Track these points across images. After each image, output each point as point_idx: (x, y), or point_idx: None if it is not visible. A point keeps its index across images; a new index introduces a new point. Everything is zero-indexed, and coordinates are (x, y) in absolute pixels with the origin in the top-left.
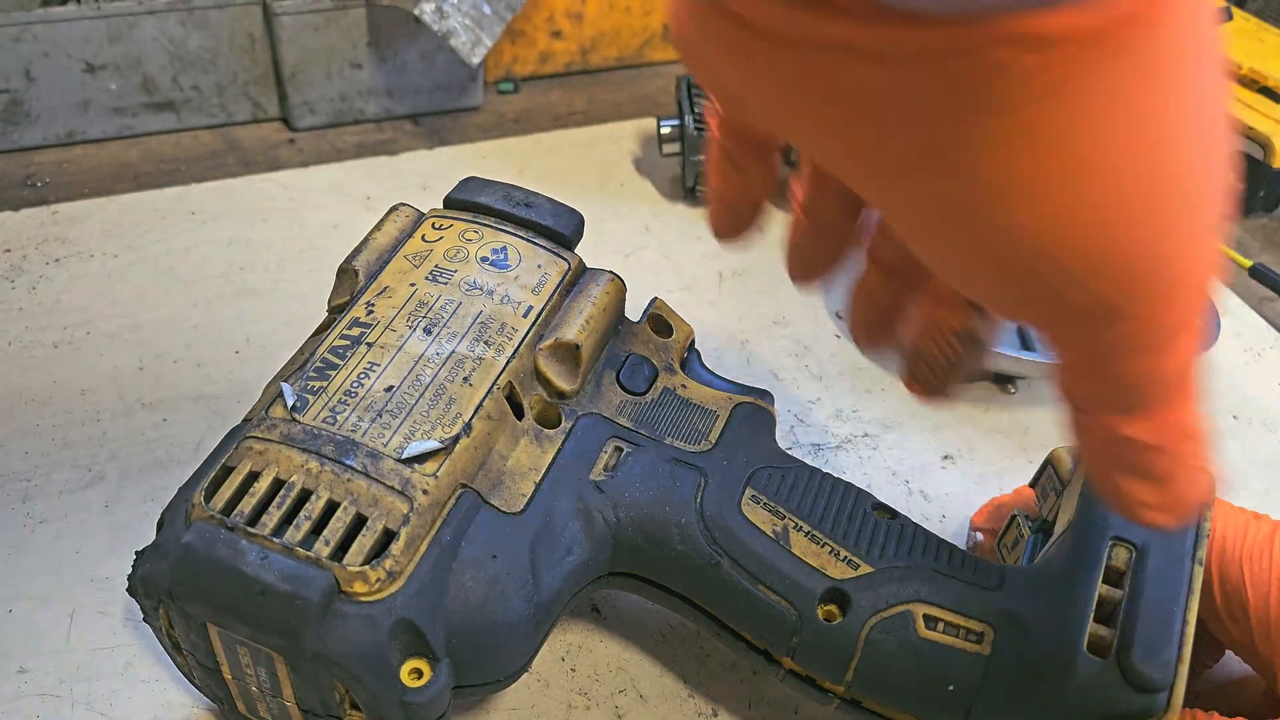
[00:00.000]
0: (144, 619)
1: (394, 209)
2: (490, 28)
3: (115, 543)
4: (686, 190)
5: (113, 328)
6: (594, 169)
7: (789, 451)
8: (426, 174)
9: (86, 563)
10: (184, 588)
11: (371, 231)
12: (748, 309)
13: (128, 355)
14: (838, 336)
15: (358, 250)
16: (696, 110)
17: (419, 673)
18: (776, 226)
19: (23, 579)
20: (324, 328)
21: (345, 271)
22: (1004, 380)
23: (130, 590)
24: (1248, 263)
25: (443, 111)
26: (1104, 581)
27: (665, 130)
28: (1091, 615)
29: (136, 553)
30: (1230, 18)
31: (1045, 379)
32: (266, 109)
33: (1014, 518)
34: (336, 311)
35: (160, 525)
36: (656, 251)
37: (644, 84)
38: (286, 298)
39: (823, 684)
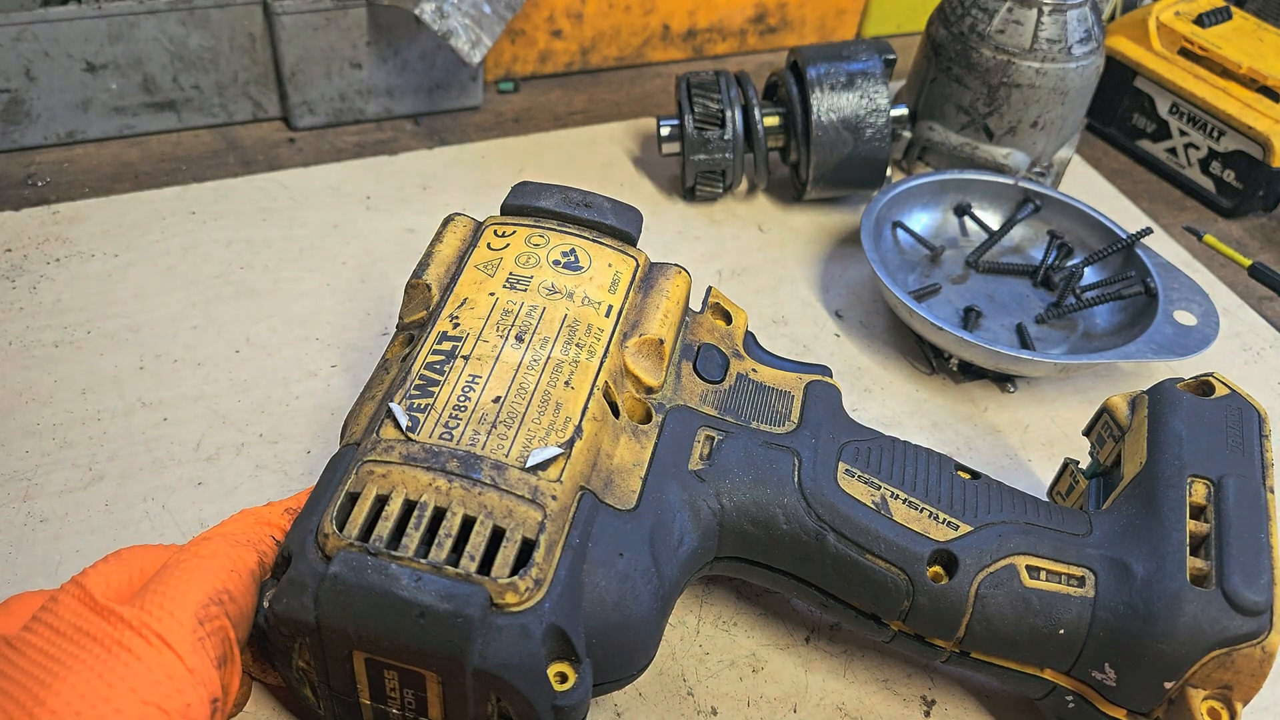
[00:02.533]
0: (257, 659)
1: (449, 220)
2: (490, 27)
3: (115, 542)
4: (686, 190)
5: (113, 327)
6: (594, 168)
7: None
8: (426, 174)
9: (86, 562)
10: (336, 617)
11: (433, 244)
12: (747, 308)
13: (128, 355)
14: (837, 335)
15: (424, 264)
16: (696, 110)
17: (563, 676)
18: (776, 226)
19: (23, 578)
20: (405, 343)
21: (415, 287)
22: (1004, 380)
23: (262, 631)
24: (1247, 262)
25: (443, 111)
26: (1191, 517)
27: (665, 130)
28: (1188, 550)
29: (262, 585)
30: (1230, 16)
31: (1044, 378)
32: (267, 109)
33: (1066, 465)
34: (412, 328)
35: (287, 559)
36: (656, 250)
37: (644, 83)
38: (286, 298)
39: (933, 641)
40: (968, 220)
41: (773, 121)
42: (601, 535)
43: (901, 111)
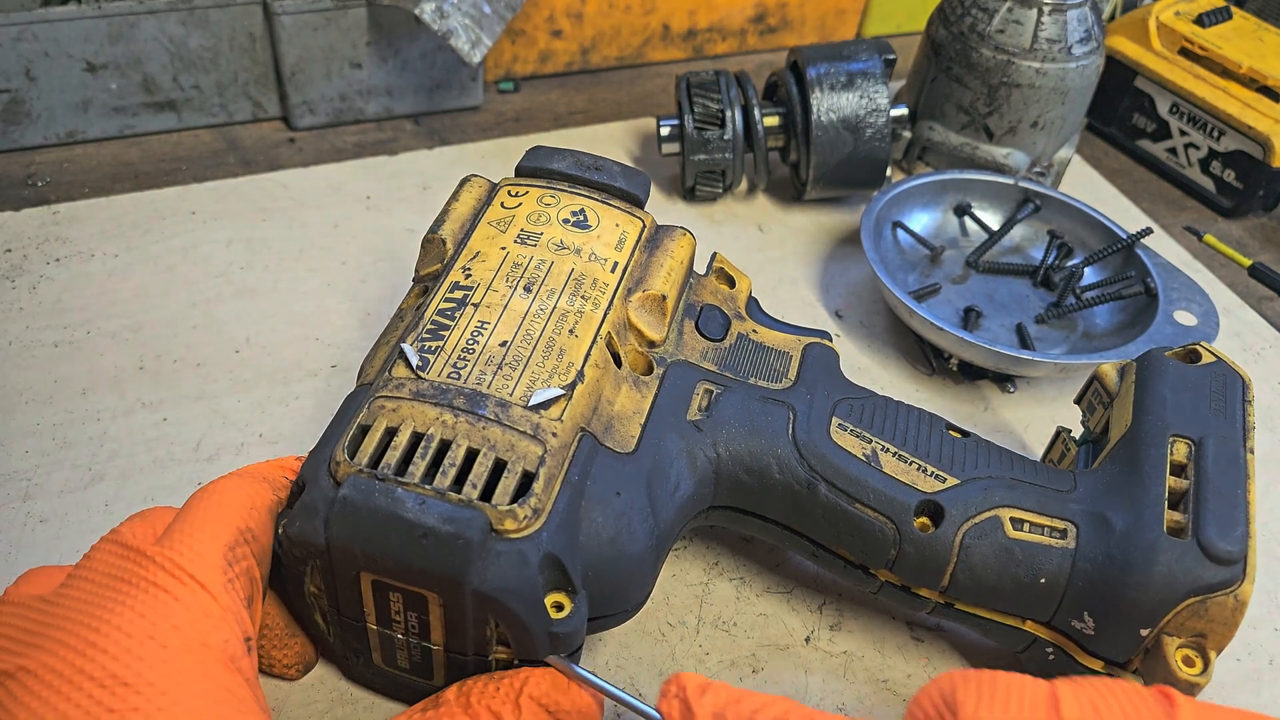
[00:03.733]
0: (273, 579)
1: (466, 180)
2: (490, 27)
3: None
4: (686, 190)
5: (113, 327)
6: None
7: None
8: (427, 174)
9: None
10: (344, 538)
11: (449, 202)
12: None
13: (128, 355)
14: (837, 335)
15: (440, 220)
16: (696, 110)
17: (560, 605)
18: (776, 226)
19: None
20: (420, 294)
21: (431, 241)
22: (1003, 380)
23: (276, 553)
24: (1247, 262)
25: (443, 111)
26: (1171, 473)
27: (665, 130)
28: (1166, 504)
29: (278, 516)
30: (1230, 16)
31: (1044, 378)
32: (267, 108)
33: (1059, 433)
34: (427, 279)
35: (301, 487)
36: None
37: (644, 83)
38: (287, 298)
39: (919, 591)
40: (968, 220)
41: (773, 121)
42: (600, 474)
43: (901, 111)
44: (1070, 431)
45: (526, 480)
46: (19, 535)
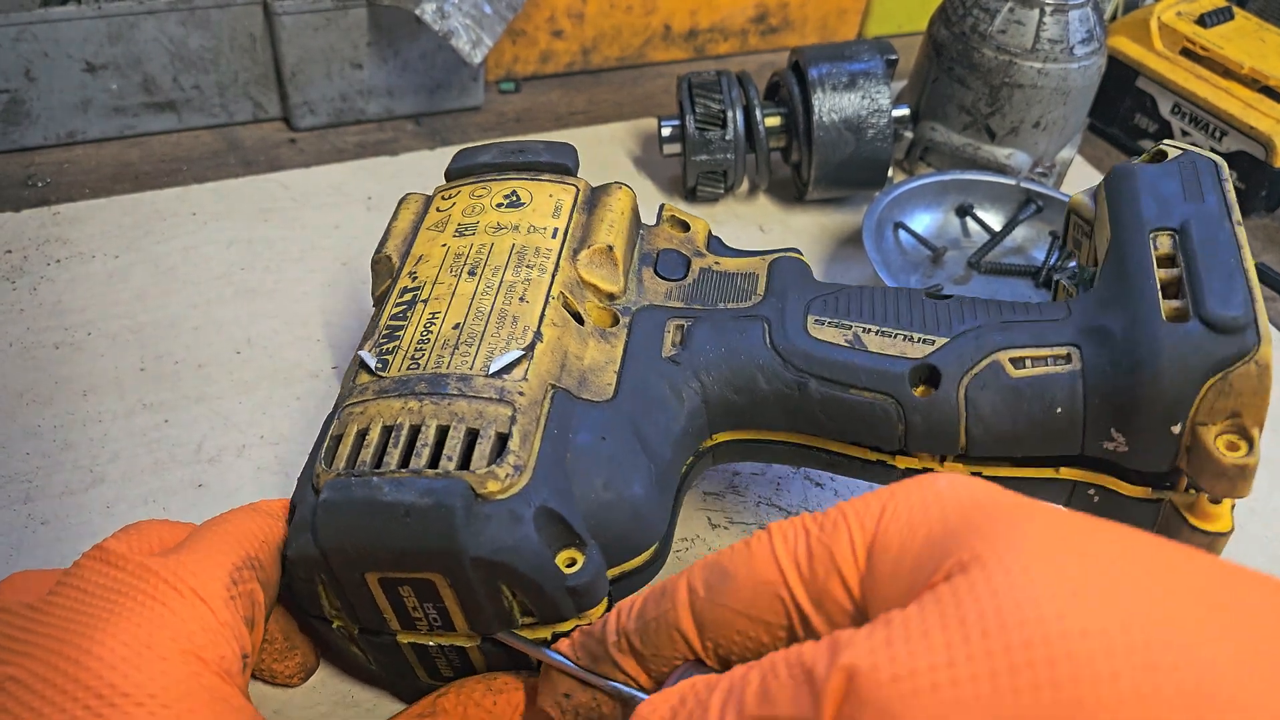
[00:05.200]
0: (311, 618)
1: (404, 199)
2: (491, 27)
3: None
4: (687, 191)
5: (113, 328)
6: (594, 169)
7: None
8: (427, 174)
9: None
10: (334, 539)
11: (390, 222)
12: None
13: (128, 356)
14: None
15: (383, 241)
16: (697, 110)
17: (572, 561)
18: (777, 226)
19: None
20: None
21: (379, 261)
22: None
23: (289, 590)
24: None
25: (444, 111)
26: (1159, 268)
27: (666, 130)
28: (1160, 294)
29: (281, 550)
30: (1232, 17)
31: None
32: (267, 109)
33: (1058, 283)
34: (380, 299)
35: (291, 512)
36: None
37: (645, 84)
38: (287, 298)
39: (943, 468)
40: (970, 221)
41: (774, 122)
42: (581, 424)
43: (903, 112)
44: (1070, 278)
45: (501, 442)
46: (20, 537)
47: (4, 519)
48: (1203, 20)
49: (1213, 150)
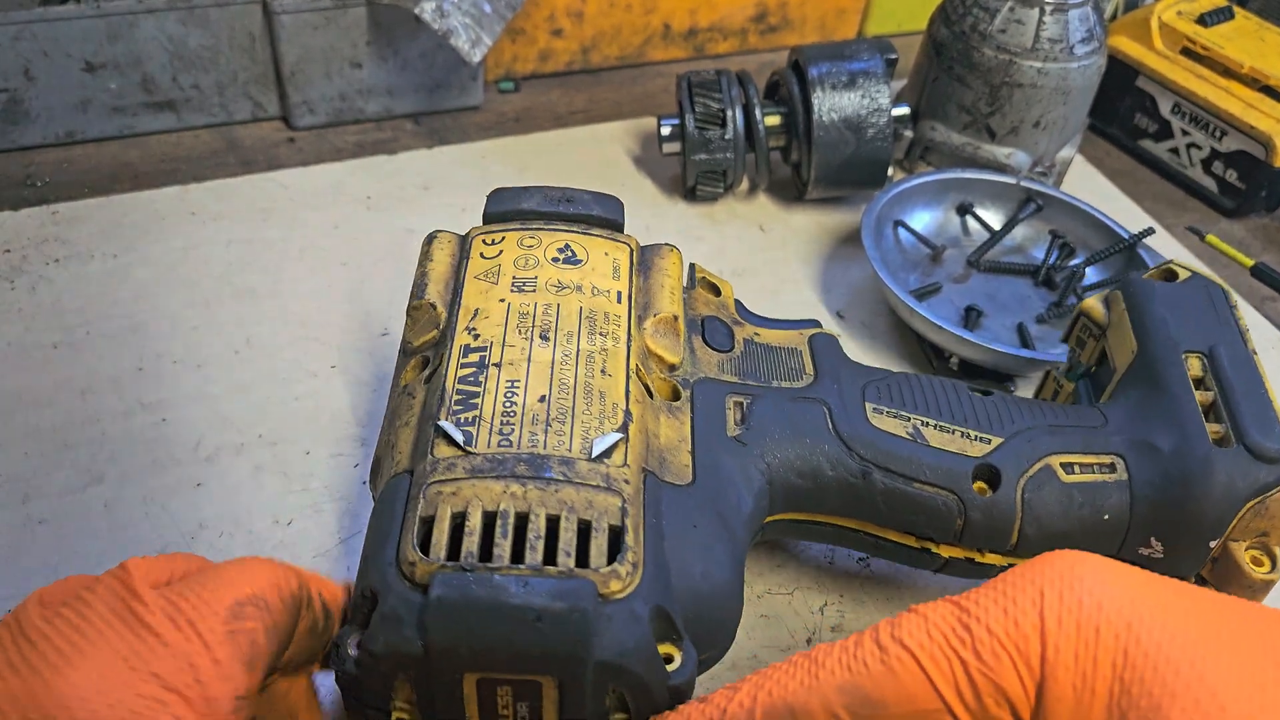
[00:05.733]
0: (366, 707)
1: (432, 237)
2: (490, 26)
3: (115, 544)
4: (687, 190)
5: (112, 328)
6: (594, 168)
7: None
8: (426, 173)
9: (86, 563)
10: (448, 641)
11: (423, 263)
12: (749, 307)
13: (127, 356)
14: (840, 335)
15: (420, 285)
16: (697, 110)
17: (669, 657)
18: (777, 225)
19: (22, 579)
20: (421, 366)
21: (419, 307)
22: (1004, 379)
23: (353, 678)
24: (1249, 262)
25: (443, 110)
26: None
27: (666, 129)
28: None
29: (334, 644)
30: (1232, 16)
31: None
32: (266, 108)
33: (1047, 373)
34: (424, 349)
35: (370, 598)
36: None
37: (645, 83)
38: (286, 298)
39: (984, 560)
40: (969, 220)
41: (774, 121)
42: (671, 512)
43: (903, 111)
44: (1058, 367)
45: (615, 535)
46: (18, 537)
47: (3, 519)
48: (1203, 20)
49: (1213, 150)
